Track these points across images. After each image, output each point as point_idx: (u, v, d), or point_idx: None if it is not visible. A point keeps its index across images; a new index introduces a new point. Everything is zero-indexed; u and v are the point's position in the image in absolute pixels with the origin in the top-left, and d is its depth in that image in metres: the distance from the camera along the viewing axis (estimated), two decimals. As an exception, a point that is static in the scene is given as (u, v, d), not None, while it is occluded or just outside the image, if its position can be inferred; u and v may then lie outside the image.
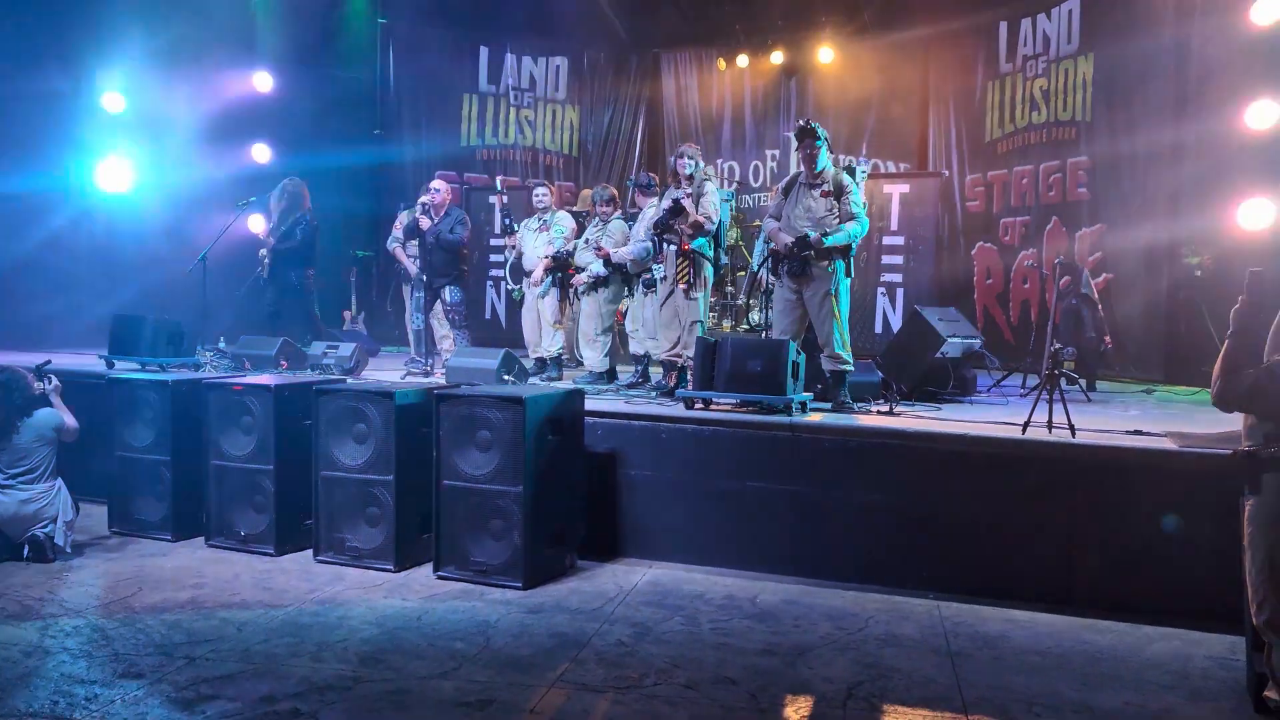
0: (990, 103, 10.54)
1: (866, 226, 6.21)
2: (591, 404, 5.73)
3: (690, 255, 6.56)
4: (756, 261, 8.26)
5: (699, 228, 6.55)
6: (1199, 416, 5.97)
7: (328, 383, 5.67)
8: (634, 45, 12.75)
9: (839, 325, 6.01)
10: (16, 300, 8.88)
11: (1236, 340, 3.46)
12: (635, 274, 7.16)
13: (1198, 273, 7.88)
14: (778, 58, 11.74)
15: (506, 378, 6.56)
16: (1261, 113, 6.83)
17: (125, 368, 6.89)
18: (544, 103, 12.80)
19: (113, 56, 9.32)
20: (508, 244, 8.50)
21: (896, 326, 9.43)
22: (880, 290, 10.14)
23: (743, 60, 11.97)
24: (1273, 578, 3.37)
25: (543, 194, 8.05)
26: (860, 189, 6.36)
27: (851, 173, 6.31)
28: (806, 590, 4.97)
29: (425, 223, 7.83)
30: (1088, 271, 8.48)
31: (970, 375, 7.33)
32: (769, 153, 12.08)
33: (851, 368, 6.16)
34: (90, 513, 5.94)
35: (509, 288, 9.05)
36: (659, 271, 6.73)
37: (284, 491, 5.48)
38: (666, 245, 6.65)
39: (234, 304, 8.70)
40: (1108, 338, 8.22)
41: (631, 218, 7.65)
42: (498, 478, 4.92)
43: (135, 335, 7.20)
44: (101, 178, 9.47)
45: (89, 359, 7.41)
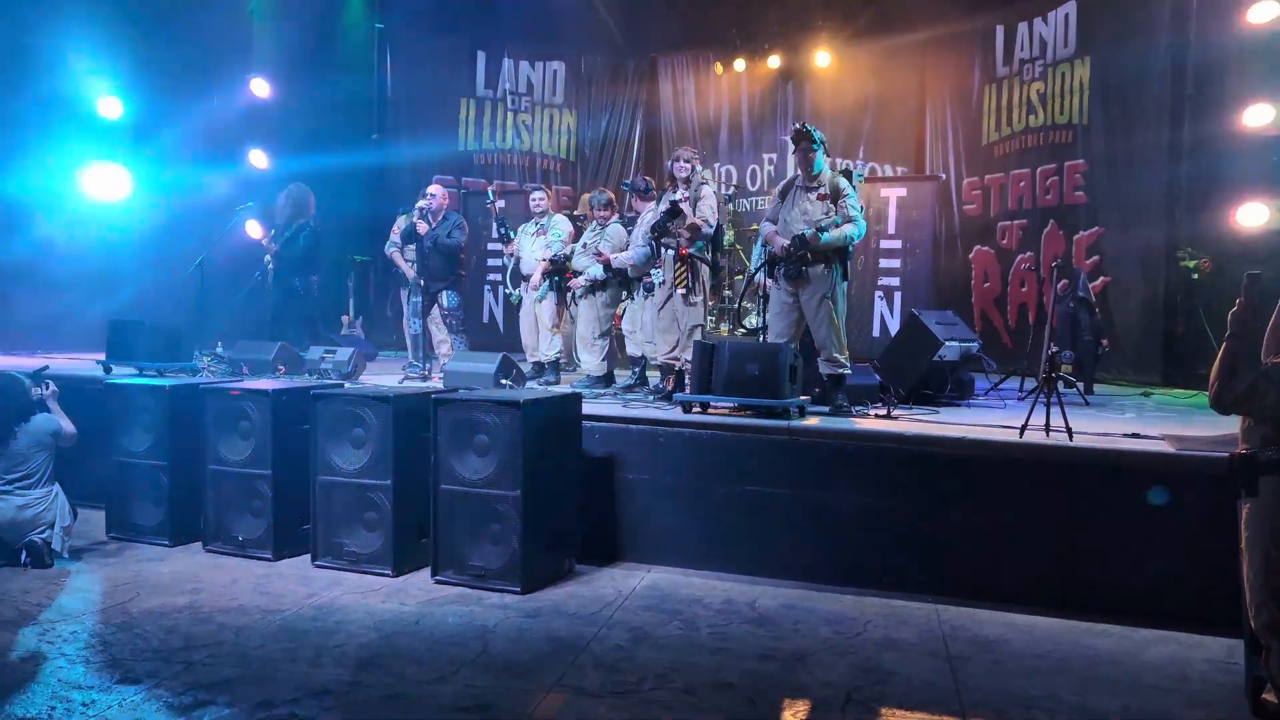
0: (987, 106, 10.56)
1: (864, 229, 6.21)
2: (589, 408, 5.72)
3: (688, 259, 6.55)
4: (754, 265, 8.26)
5: (696, 231, 6.54)
6: (1196, 419, 5.98)
7: (325, 387, 5.65)
8: (631, 50, 12.76)
9: (836, 329, 6.01)
10: (14, 305, 8.88)
11: (1234, 343, 3.46)
12: (635, 278, 7.16)
13: (1195, 276, 7.90)
14: (774, 62, 11.76)
15: (504, 382, 6.56)
16: (1259, 114, 6.84)
17: (123, 373, 6.86)
18: (541, 107, 12.81)
19: (109, 62, 9.33)
20: (506, 251, 8.50)
21: (894, 330, 9.44)
22: (878, 293, 10.16)
23: (740, 64, 11.98)
24: (1270, 581, 3.37)
25: (540, 198, 8.06)
26: (857, 192, 6.36)
27: (848, 176, 6.31)
28: (805, 594, 4.96)
29: (422, 227, 7.82)
30: (1085, 274, 8.49)
31: (968, 378, 7.33)
32: (766, 156, 12.08)
33: (849, 371, 6.17)
34: (88, 518, 5.91)
35: (507, 293, 9.06)
36: (658, 276, 6.73)
37: (281, 496, 5.46)
38: (664, 250, 6.64)
39: (232, 308, 8.70)
40: (1105, 341, 8.24)
41: (629, 222, 7.66)
42: (495, 482, 4.90)
43: (133, 340, 7.20)
44: (98, 182, 9.47)
45: (87, 364, 7.41)
